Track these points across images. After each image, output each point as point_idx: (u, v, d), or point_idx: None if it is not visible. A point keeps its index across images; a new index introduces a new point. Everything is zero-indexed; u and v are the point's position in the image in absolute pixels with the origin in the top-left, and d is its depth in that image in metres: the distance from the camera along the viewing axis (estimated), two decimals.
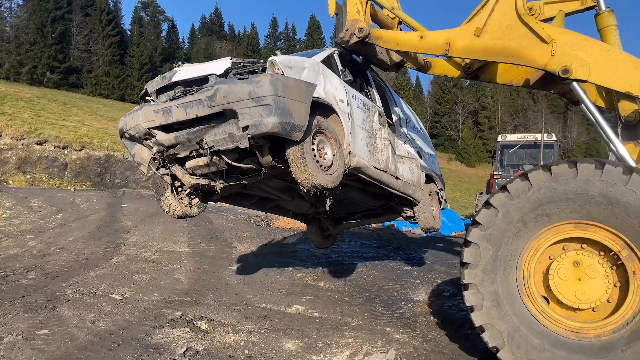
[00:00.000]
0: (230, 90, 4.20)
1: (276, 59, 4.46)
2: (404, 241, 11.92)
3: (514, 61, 4.79)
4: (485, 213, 4.18)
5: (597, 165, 3.87)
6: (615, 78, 4.35)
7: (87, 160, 24.16)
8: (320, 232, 7.79)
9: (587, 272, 3.96)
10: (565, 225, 3.99)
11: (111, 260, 8.55)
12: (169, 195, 5.45)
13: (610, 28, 4.62)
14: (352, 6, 5.57)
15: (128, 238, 10.34)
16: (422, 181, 6.78)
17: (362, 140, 5.33)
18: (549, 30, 4.59)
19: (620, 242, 3.83)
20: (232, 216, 13.73)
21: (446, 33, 5.07)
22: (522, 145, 16.10)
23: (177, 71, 4.78)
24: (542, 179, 4.02)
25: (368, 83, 6.19)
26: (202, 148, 4.60)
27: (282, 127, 4.13)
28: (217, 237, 11.05)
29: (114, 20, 57.93)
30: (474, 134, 72.52)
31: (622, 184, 3.77)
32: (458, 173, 62.07)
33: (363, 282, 7.85)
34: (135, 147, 5.10)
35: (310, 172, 4.39)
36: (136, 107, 5.01)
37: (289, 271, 8.38)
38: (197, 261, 8.82)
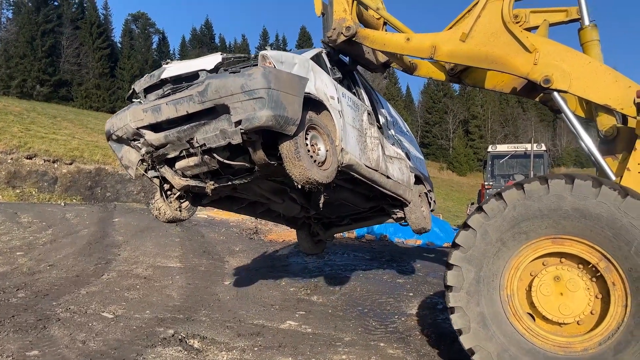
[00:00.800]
0: (222, 84, 4.10)
1: (268, 53, 4.41)
2: (397, 253, 11.93)
3: (497, 68, 4.84)
4: (464, 235, 4.20)
5: (567, 181, 3.93)
6: (594, 90, 4.41)
7: (77, 174, 24.01)
8: (310, 237, 7.79)
9: (568, 286, 3.98)
10: (543, 241, 4.03)
11: (102, 277, 8.47)
12: (158, 199, 5.38)
13: (593, 43, 4.70)
14: (338, 5, 5.60)
15: (119, 254, 10.25)
16: (412, 182, 6.79)
17: (353, 138, 5.28)
18: (532, 39, 4.66)
19: (597, 254, 3.87)
20: (224, 229, 13.69)
21: (432, 36, 5.13)
22: (512, 156, 16.23)
23: (166, 68, 4.69)
24: (516, 197, 4.06)
25: (356, 84, 6.19)
26: (192, 147, 4.49)
27: (276, 120, 4.04)
28: (209, 251, 11.00)
29: (105, 33, 57.95)
30: (465, 143, 72.97)
31: (592, 197, 3.83)
32: (449, 182, 62.32)
33: (356, 296, 7.83)
34: (122, 149, 4.98)
35: (304, 167, 4.30)
36: (123, 108, 4.89)
37: (282, 285, 8.34)
38: (189, 276, 8.77)
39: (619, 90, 4.31)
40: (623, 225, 3.73)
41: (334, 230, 7.93)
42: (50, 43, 50.01)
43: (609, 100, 4.35)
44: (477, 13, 4.83)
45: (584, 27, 4.80)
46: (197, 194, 5.42)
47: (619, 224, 3.75)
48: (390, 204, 6.71)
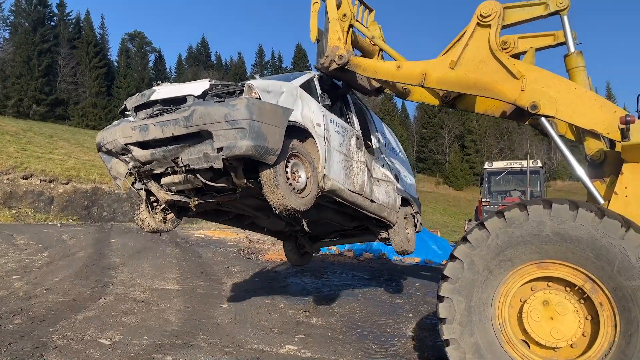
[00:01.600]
0: (207, 112, 4.27)
1: (253, 83, 4.55)
2: (395, 271, 11.89)
3: (486, 94, 4.91)
4: (451, 266, 4.23)
5: (545, 205, 3.98)
6: (580, 115, 4.47)
7: (73, 194, 23.93)
8: (296, 249, 7.92)
9: (557, 309, 3.98)
10: (529, 266, 4.05)
11: (99, 301, 8.40)
12: (143, 210, 5.52)
13: (579, 69, 4.77)
14: (333, 33, 5.69)
15: (116, 276, 10.17)
16: (398, 204, 6.87)
17: (338, 164, 5.42)
18: (519, 66, 4.73)
19: (581, 276, 3.89)
20: (221, 249, 13.63)
21: (422, 64, 5.21)
22: (508, 172, 16.30)
23: (156, 90, 4.86)
24: (498, 225, 4.10)
25: (348, 107, 6.29)
26: (177, 166, 4.66)
27: (256, 150, 4.21)
28: (206, 272, 10.93)
29: (101, 52, 58.33)
30: (461, 157, 73.23)
31: (571, 220, 3.86)
32: (446, 197, 62.41)
33: (355, 318, 7.78)
34: (111, 161, 5.15)
35: (282, 195, 4.47)
36: (114, 122, 5.07)
37: (281, 308, 8.29)
38: (187, 299, 8.70)
39: (605, 115, 4.36)
40: (603, 246, 3.77)
41: (321, 243, 8.10)
42: (46, 63, 50.24)
43: (595, 125, 4.40)
44: (465, 41, 4.92)
45: (570, 54, 4.88)
46: (182, 207, 5.54)
47: (599, 245, 3.78)
48: (375, 224, 6.82)
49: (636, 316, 3.65)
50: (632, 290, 3.68)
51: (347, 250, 14.61)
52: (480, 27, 4.85)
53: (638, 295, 3.65)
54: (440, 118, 75.01)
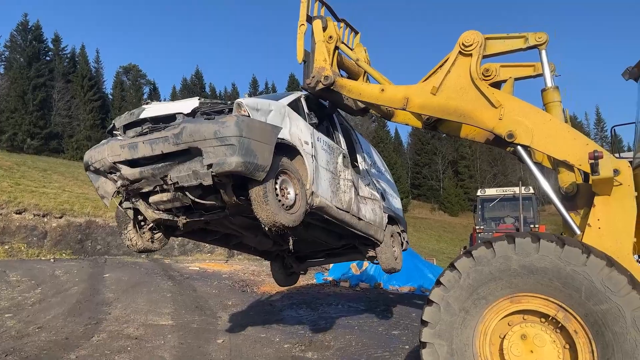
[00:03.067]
0: (197, 129, 4.33)
1: (243, 101, 4.64)
2: (391, 301, 11.84)
3: (465, 121, 5.02)
4: (429, 310, 4.25)
5: (509, 241, 4.05)
6: (554, 146, 4.58)
7: (67, 228, 23.75)
8: (283, 270, 7.91)
9: (536, 342, 3.99)
10: (502, 302, 4.08)
11: (92, 339, 8.30)
12: (131, 229, 5.49)
13: (555, 104, 4.88)
14: (319, 55, 5.81)
15: (110, 312, 10.07)
16: (385, 222, 6.94)
17: (325, 181, 5.50)
18: (498, 95, 4.85)
19: (553, 306, 3.92)
20: (216, 282, 13.54)
21: (405, 89, 5.32)
22: (501, 199, 16.41)
23: (146, 108, 4.92)
24: (468, 265, 4.15)
25: (334, 126, 6.40)
26: (166, 184, 4.68)
27: (246, 166, 4.27)
28: (201, 306, 10.84)
29: (96, 85, 58.79)
30: (455, 183, 73.52)
31: (534, 252, 3.93)
32: (442, 223, 62.38)
33: (352, 351, 7.72)
34: (99, 180, 5.15)
35: (271, 211, 4.51)
36: (102, 141, 5.09)
37: (276, 342, 8.21)
38: (182, 335, 8.61)
39: (577, 147, 4.47)
40: (568, 274, 3.82)
41: (308, 263, 8.07)
42: (41, 97, 50.52)
43: (568, 157, 4.50)
44: (447, 68, 5.04)
45: (547, 89, 5.00)
46: (170, 226, 5.55)
47: (564, 273, 3.84)
48: (362, 243, 6.87)
49: (610, 340, 3.68)
50: (602, 315, 3.72)
51: (343, 280, 14.55)
52: (462, 56, 4.99)
53: (608, 318, 3.69)
54: (434, 144, 75.61)
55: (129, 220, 5.41)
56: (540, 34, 5.02)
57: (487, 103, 4.83)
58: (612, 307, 3.69)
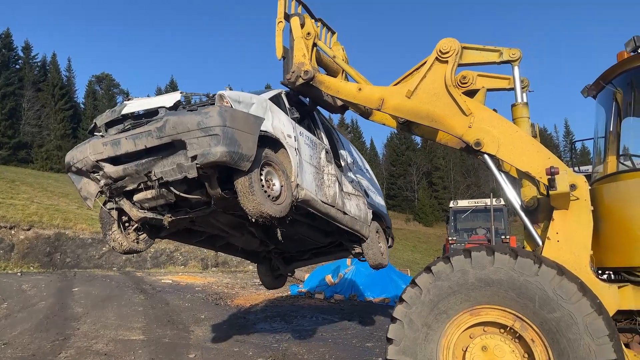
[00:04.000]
0: (180, 121, 4.30)
1: (225, 93, 4.64)
2: (365, 313, 11.87)
3: (436, 126, 5.09)
4: (393, 328, 4.28)
5: (466, 255, 4.14)
6: (518, 157, 4.69)
7: (35, 240, 23.09)
8: (270, 272, 7.83)
9: (496, 352, 4.06)
10: (462, 315, 4.14)
11: (60, 356, 8.07)
12: (115, 230, 5.38)
13: (523, 119, 5.01)
14: (298, 50, 5.83)
15: (78, 327, 9.82)
16: (369, 218, 6.95)
17: (309, 175, 5.49)
18: (470, 104, 4.95)
19: (510, 316, 4.00)
20: (189, 295, 13.35)
21: (381, 90, 5.39)
22: (473, 210, 16.68)
23: (127, 104, 4.84)
24: (428, 280, 4.22)
25: (315, 124, 6.42)
26: (150, 180, 4.61)
27: (230, 156, 4.23)
28: (173, 320, 10.67)
29: (67, 94, 57.74)
30: (429, 194, 74.41)
31: (489, 265, 4.02)
32: (416, 233, 62.94)
33: None
34: (82, 181, 5.05)
35: (258, 202, 4.47)
36: (84, 141, 4.99)
37: (250, 356, 8.13)
38: (153, 350, 8.45)
39: (539, 160, 4.59)
40: (522, 284, 3.92)
41: (295, 264, 8.00)
42: (10, 106, 49.34)
43: (530, 169, 4.62)
44: (423, 73, 5.12)
45: (517, 104, 5.13)
46: (155, 226, 5.46)
47: (518, 284, 3.93)
48: (348, 239, 6.86)
49: (565, 347, 3.77)
50: (556, 322, 3.81)
51: (317, 292, 14.54)
52: (439, 62, 5.08)
53: (562, 326, 3.79)
54: (408, 156, 76.53)
55: (113, 220, 5.30)
56: (514, 51, 5.14)
57: (459, 110, 4.92)
58: (564, 315, 3.79)
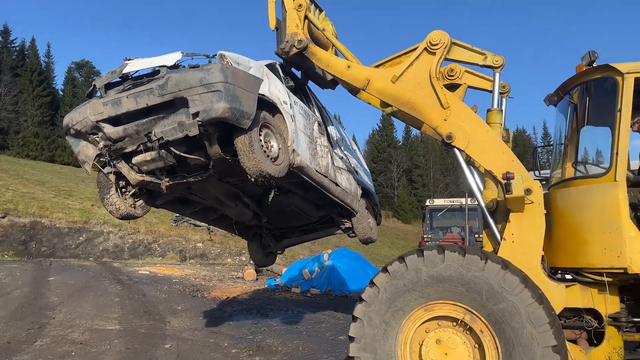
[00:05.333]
0: (182, 78, 4.38)
1: (226, 53, 4.76)
2: (340, 306, 12.14)
3: (415, 114, 5.29)
4: (354, 327, 4.53)
5: (419, 254, 4.43)
6: (485, 155, 4.95)
7: (10, 228, 22.80)
8: (261, 249, 7.98)
9: (449, 344, 4.34)
10: (418, 311, 4.41)
11: (35, 344, 8.15)
12: (113, 194, 5.43)
13: (496, 125, 5.27)
14: (291, 21, 5.93)
15: (54, 317, 9.87)
16: (359, 193, 7.15)
17: (304, 143, 5.63)
18: (449, 98, 5.16)
19: (461, 310, 4.29)
20: (166, 287, 13.45)
21: (369, 70, 5.55)
22: (448, 209, 17.10)
23: (127, 64, 4.90)
24: (384, 280, 4.48)
25: (307, 98, 6.58)
26: (150, 141, 4.66)
27: (232, 112, 4.33)
28: (150, 311, 10.78)
29: (46, 80, 56.60)
30: (409, 191, 75.14)
31: (440, 263, 4.32)
32: (395, 230, 63.55)
33: (298, 356, 7.94)
34: (80, 144, 5.07)
35: (258, 160, 4.58)
36: (83, 103, 5.00)
37: (224, 347, 8.32)
38: (129, 340, 8.57)
39: (503, 162, 4.86)
40: (470, 279, 4.22)
41: (285, 242, 8.15)
42: None
43: (494, 168, 4.89)
44: (411, 61, 5.29)
45: (492, 110, 5.40)
46: (152, 192, 5.55)
47: (466, 279, 4.23)
48: (339, 213, 7.04)
49: (510, 335, 4.07)
50: (501, 313, 4.11)
51: (294, 286, 14.76)
52: (427, 53, 5.25)
53: (507, 316, 4.09)
54: (389, 153, 77.10)
55: (111, 184, 5.34)
56: (498, 57, 5.35)
57: (438, 102, 5.11)
58: (509, 306, 4.09)
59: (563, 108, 5.38)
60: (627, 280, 4.50)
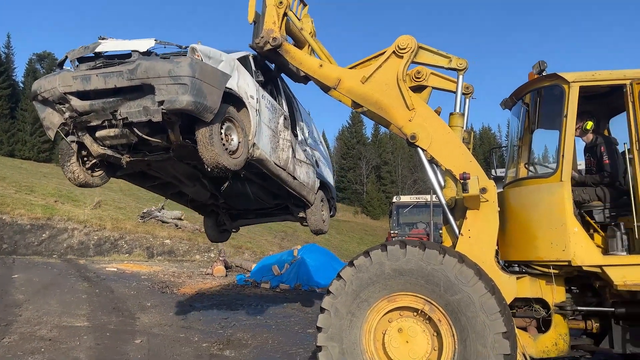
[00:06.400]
0: (151, 66, 4.55)
1: (197, 47, 4.92)
2: (309, 301, 12.39)
3: (381, 114, 5.57)
4: (321, 317, 4.80)
5: (382, 249, 4.75)
6: (445, 155, 5.29)
7: None
8: (216, 226, 8.19)
9: (409, 333, 4.67)
10: (381, 302, 4.72)
11: (2, 341, 8.09)
12: (74, 163, 5.53)
13: (457, 129, 5.61)
14: (269, 17, 6.07)
15: (20, 314, 9.77)
16: (316, 186, 7.44)
17: (266, 137, 5.85)
18: (414, 100, 5.46)
19: (421, 300, 4.63)
20: (135, 283, 13.41)
21: (340, 70, 5.80)
22: (414, 206, 17.57)
23: (101, 43, 5.02)
24: (350, 273, 4.78)
25: (278, 91, 6.78)
26: (115, 119, 4.80)
27: (195, 106, 4.53)
28: (119, 307, 10.78)
29: (5, 72, 54.91)
30: (378, 187, 76.04)
31: (402, 257, 4.64)
32: (364, 226, 64.32)
33: (268, 349, 8.16)
34: (46, 110, 5.15)
35: (216, 153, 4.79)
36: (54, 72, 5.11)
37: (195, 342, 8.46)
38: (98, 336, 8.60)
39: (461, 162, 5.21)
40: (429, 272, 4.55)
41: (241, 222, 8.38)
42: None
43: (452, 168, 5.24)
44: (379, 63, 5.57)
45: (454, 113, 5.73)
46: (112, 164, 5.66)
47: (426, 272, 4.57)
48: (294, 203, 7.33)
49: (465, 324, 4.42)
50: (457, 303, 4.46)
51: (264, 281, 14.93)
52: (395, 56, 5.54)
53: (462, 306, 4.44)
54: (359, 150, 77.82)
55: (73, 153, 5.44)
56: (462, 60, 5.66)
57: (404, 104, 5.41)
58: (464, 296, 4.44)
59: (517, 112, 5.76)
60: (571, 272, 4.92)
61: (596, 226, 5.04)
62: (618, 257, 4.67)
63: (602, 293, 5.07)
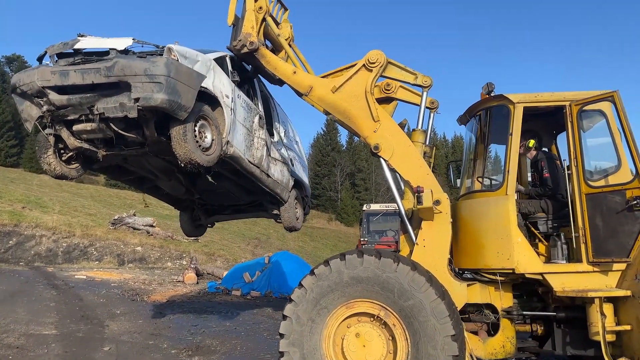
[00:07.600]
0: (128, 64, 4.75)
1: (173, 47, 5.13)
2: (279, 308, 12.56)
3: (349, 123, 5.85)
4: (284, 324, 5.05)
5: (341, 258, 5.03)
6: (404, 167, 5.61)
7: None
8: (191, 221, 8.38)
9: (366, 337, 4.94)
10: (340, 309, 4.99)
11: None
12: (50, 154, 5.66)
13: (418, 143, 5.96)
14: (248, 21, 6.29)
15: None
16: (291, 184, 7.66)
17: (241, 135, 6.07)
18: (380, 112, 5.76)
19: (377, 306, 4.91)
20: (104, 291, 13.38)
21: (313, 79, 6.07)
22: (384, 214, 17.94)
23: (80, 40, 5.20)
24: (311, 281, 5.04)
25: (254, 91, 6.99)
26: (92, 113, 4.99)
27: (170, 104, 4.76)
28: (87, 315, 10.78)
29: None
30: (352, 195, 76.58)
31: (359, 265, 4.93)
32: (337, 233, 64.68)
33: (236, 355, 8.33)
34: (24, 103, 5.30)
35: (189, 149, 5.02)
36: (33, 66, 5.26)
37: (164, 348, 8.57)
38: (66, 344, 8.63)
39: (419, 174, 5.54)
40: (385, 280, 4.84)
41: (216, 217, 8.56)
42: None
43: (411, 179, 5.57)
44: (350, 75, 5.87)
45: (416, 130, 6.08)
46: (89, 157, 5.81)
47: (381, 280, 4.85)
48: (268, 200, 7.54)
49: (417, 328, 4.71)
50: (409, 309, 4.75)
51: (234, 289, 15.06)
52: (365, 69, 5.84)
53: (415, 311, 4.73)
54: (333, 157, 78.27)
55: (50, 145, 5.56)
56: (427, 78, 6.00)
57: (370, 115, 5.72)
58: (416, 302, 4.74)
59: (470, 128, 6.15)
60: (516, 279, 5.30)
61: (540, 236, 5.45)
62: (558, 265, 5.07)
63: (546, 298, 5.46)
